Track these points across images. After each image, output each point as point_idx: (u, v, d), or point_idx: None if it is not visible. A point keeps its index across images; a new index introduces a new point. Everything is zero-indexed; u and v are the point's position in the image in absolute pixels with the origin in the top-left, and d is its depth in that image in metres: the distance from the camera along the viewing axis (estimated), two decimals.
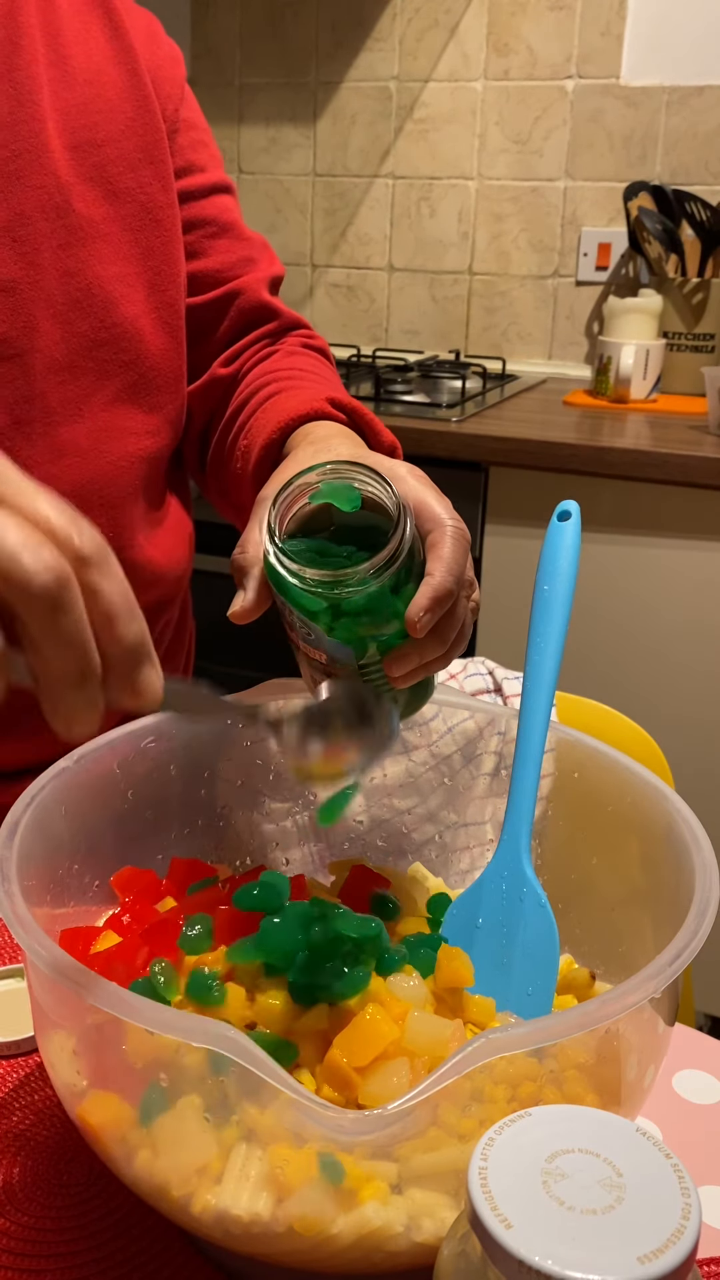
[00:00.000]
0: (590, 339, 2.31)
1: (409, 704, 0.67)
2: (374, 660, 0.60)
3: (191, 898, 0.63)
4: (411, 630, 0.58)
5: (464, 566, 0.61)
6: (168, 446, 0.91)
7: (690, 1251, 0.34)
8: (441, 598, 0.58)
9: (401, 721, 0.68)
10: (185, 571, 0.97)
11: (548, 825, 0.68)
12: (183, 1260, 0.54)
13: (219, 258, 0.93)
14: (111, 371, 0.84)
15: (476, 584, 0.65)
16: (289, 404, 0.80)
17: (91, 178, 0.82)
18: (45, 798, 0.59)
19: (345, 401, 0.80)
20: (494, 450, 1.75)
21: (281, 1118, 0.45)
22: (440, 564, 0.59)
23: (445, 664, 0.63)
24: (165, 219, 0.87)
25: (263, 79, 2.44)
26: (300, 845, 0.75)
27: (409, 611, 0.58)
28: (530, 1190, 0.36)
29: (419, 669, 0.61)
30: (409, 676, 0.61)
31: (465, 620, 0.63)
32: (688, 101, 2.13)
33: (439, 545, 0.60)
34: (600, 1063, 0.49)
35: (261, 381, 0.89)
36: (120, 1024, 0.46)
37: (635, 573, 1.74)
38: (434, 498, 0.62)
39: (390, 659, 0.60)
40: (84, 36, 0.84)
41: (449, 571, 0.59)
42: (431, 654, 0.61)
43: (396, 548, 0.56)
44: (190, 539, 0.98)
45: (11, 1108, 0.62)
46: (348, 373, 2.15)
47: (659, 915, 0.57)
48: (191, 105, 0.93)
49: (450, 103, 2.30)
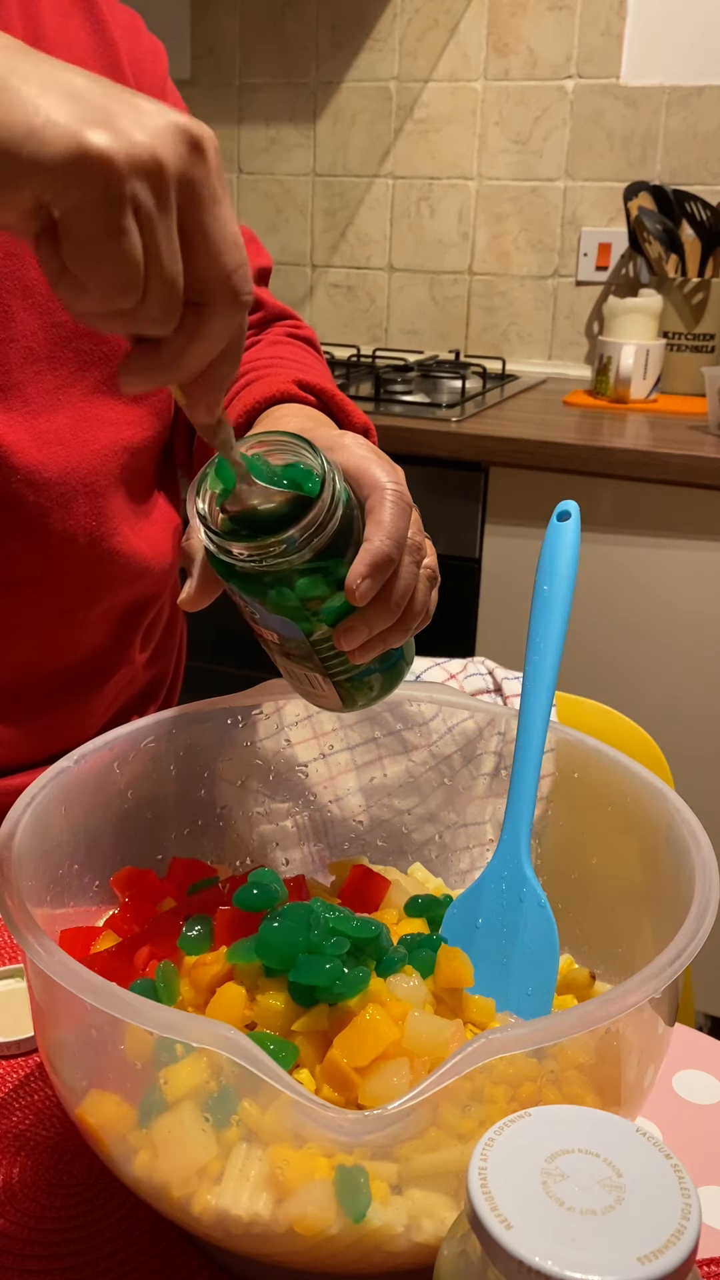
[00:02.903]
0: (590, 339, 2.31)
1: (383, 686, 0.66)
2: (325, 637, 0.60)
3: (192, 898, 0.63)
4: (351, 598, 0.57)
5: (404, 530, 0.60)
6: (152, 438, 0.91)
7: (690, 1252, 0.34)
8: (380, 562, 0.58)
9: (375, 704, 0.67)
10: (173, 564, 0.97)
11: (548, 825, 0.68)
12: (183, 1260, 0.54)
13: None
14: (91, 362, 0.85)
15: (429, 549, 0.64)
16: (257, 390, 0.80)
17: None
18: (45, 798, 0.59)
19: (313, 383, 0.80)
20: (494, 450, 1.75)
21: (282, 1118, 0.45)
22: (379, 529, 0.59)
23: (403, 635, 0.62)
24: None
25: (263, 79, 2.44)
26: (300, 845, 0.75)
27: (348, 578, 0.57)
28: (530, 1191, 0.36)
29: (374, 641, 0.61)
30: (365, 650, 0.61)
31: (416, 587, 0.62)
32: (688, 101, 2.13)
33: (378, 510, 0.59)
34: (600, 1063, 0.49)
35: (241, 371, 0.89)
36: (120, 1024, 0.46)
37: (635, 573, 1.74)
38: (377, 465, 0.61)
39: (338, 632, 0.59)
40: (65, 31, 0.84)
41: (388, 535, 0.58)
42: (381, 624, 0.60)
43: (322, 511, 0.55)
44: (177, 531, 0.98)
45: (11, 1108, 0.62)
46: (347, 373, 2.15)
47: (659, 915, 0.57)
48: (174, 99, 0.93)
49: (450, 103, 2.30)
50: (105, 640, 0.92)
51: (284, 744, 0.74)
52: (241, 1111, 0.46)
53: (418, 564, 0.62)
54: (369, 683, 0.65)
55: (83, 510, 0.85)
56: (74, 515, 0.84)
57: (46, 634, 0.87)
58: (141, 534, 0.91)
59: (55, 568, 0.85)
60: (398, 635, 0.62)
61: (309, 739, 0.74)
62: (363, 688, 0.65)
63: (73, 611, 0.88)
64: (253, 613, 0.60)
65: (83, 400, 0.85)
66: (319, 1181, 0.45)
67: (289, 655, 0.63)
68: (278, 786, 0.74)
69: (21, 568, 0.84)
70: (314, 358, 0.94)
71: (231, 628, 0.64)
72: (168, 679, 1.04)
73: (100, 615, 0.90)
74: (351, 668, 0.63)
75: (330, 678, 0.63)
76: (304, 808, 0.74)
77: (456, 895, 0.66)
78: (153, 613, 0.96)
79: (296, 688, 0.67)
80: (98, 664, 0.92)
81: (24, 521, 0.82)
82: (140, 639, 0.96)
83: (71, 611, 0.88)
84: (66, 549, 0.85)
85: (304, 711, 0.74)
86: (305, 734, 0.74)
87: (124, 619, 0.93)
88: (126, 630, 0.93)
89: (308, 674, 0.64)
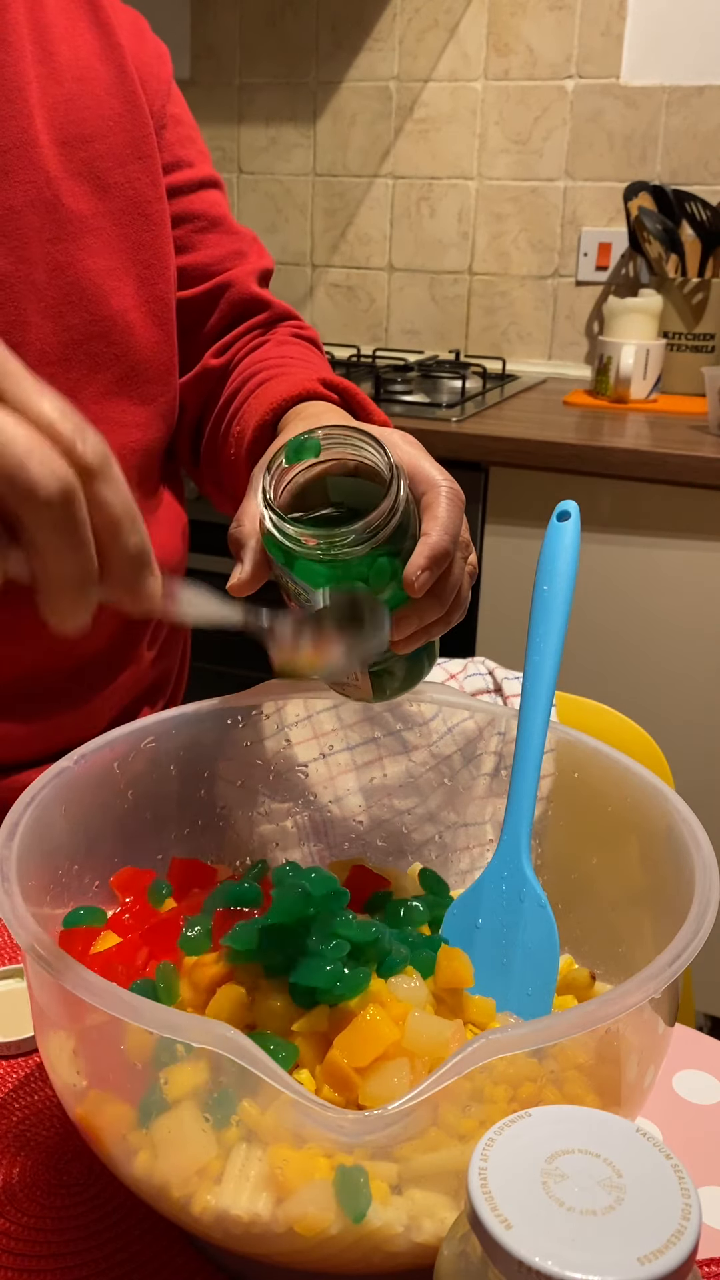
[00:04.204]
0: (590, 339, 2.31)
1: (411, 673, 0.68)
2: None
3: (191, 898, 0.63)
4: (409, 590, 0.59)
5: (459, 526, 0.61)
6: (160, 439, 0.91)
7: (690, 1252, 0.34)
8: (439, 556, 0.59)
9: (402, 694, 0.69)
10: (180, 564, 0.97)
11: (548, 825, 0.68)
12: (183, 1260, 0.54)
13: (208, 251, 0.94)
14: (102, 364, 0.85)
15: (473, 547, 0.66)
16: (281, 387, 0.80)
17: (80, 173, 0.83)
18: (45, 798, 0.59)
19: (336, 381, 0.81)
20: (494, 450, 1.75)
21: (282, 1118, 0.45)
22: (436, 523, 0.60)
23: (445, 627, 0.64)
24: (154, 213, 0.88)
25: (263, 79, 2.44)
26: (300, 845, 0.75)
27: (407, 571, 0.59)
28: (530, 1191, 0.35)
29: (420, 632, 0.62)
30: (410, 640, 0.62)
31: (462, 583, 0.64)
32: (688, 101, 2.13)
33: (434, 505, 0.61)
34: (600, 1063, 0.49)
35: (253, 369, 0.90)
36: (120, 1024, 0.46)
37: (635, 573, 1.74)
38: (428, 462, 0.63)
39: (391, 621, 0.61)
40: (71, 33, 0.85)
41: (445, 530, 0.60)
42: (431, 615, 0.62)
43: (390, 507, 0.57)
44: (185, 532, 0.99)
45: (11, 1108, 0.62)
46: (347, 373, 2.15)
47: (659, 915, 0.57)
48: (179, 101, 0.94)
49: (450, 103, 2.30)
50: (113, 639, 0.92)
51: (284, 744, 0.74)
52: (241, 1112, 0.46)
53: (465, 560, 0.64)
54: (402, 673, 0.67)
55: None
56: None
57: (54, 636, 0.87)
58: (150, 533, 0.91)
59: None
60: (441, 626, 0.64)
61: (309, 739, 0.74)
62: (394, 677, 0.67)
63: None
64: (307, 600, 0.61)
65: (94, 403, 0.85)
66: (319, 1181, 0.45)
67: None
68: (278, 786, 0.74)
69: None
70: (320, 358, 0.95)
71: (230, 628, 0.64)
72: (173, 677, 1.04)
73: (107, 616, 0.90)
74: (390, 657, 0.64)
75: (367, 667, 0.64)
76: (304, 808, 0.74)
77: (456, 895, 0.66)
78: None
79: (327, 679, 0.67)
80: (105, 662, 0.92)
81: None
82: (147, 638, 0.96)
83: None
84: None
85: (304, 711, 0.74)
86: (305, 734, 0.74)
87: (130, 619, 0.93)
88: (133, 630, 0.94)
89: None
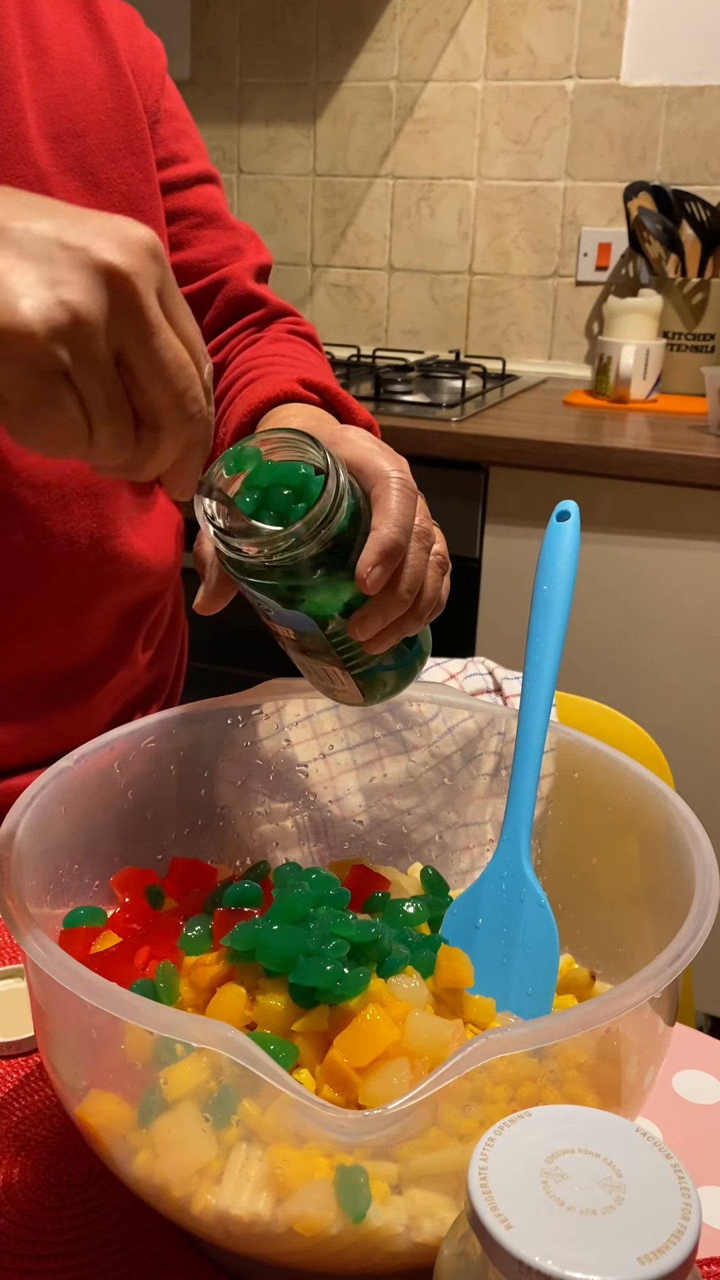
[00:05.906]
0: (590, 339, 2.31)
1: (402, 674, 0.66)
2: (340, 629, 0.60)
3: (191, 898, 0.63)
4: (362, 587, 0.58)
5: (411, 518, 0.60)
6: None
7: (690, 1252, 0.34)
8: (389, 550, 0.58)
9: (396, 695, 0.68)
10: (175, 564, 0.97)
11: (548, 825, 0.68)
12: (183, 1260, 0.54)
13: (204, 247, 0.94)
14: None
15: (437, 536, 0.64)
16: (260, 389, 0.80)
17: (72, 168, 0.83)
18: (45, 798, 0.59)
19: (317, 381, 0.80)
20: (494, 450, 1.75)
21: (282, 1118, 0.45)
22: (385, 517, 0.59)
23: (418, 622, 0.62)
24: (147, 209, 0.87)
25: (263, 79, 2.44)
26: (300, 845, 0.75)
27: (358, 568, 0.58)
28: (530, 1190, 0.35)
29: (390, 630, 0.61)
30: (380, 639, 0.61)
31: (427, 574, 0.62)
32: (688, 101, 2.13)
33: (383, 498, 0.60)
34: (600, 1063, 0.49)
35: (242, 369, 0.89)
36: (120, 1024, 0.46)
37: (635, 573, 1.74)
38: (381, 455, 0.62)
39: (353, 622, 0.60)
40: (63, 28, 0.84)
41: (395, 523, 0.59)
42: (394, 612, 0.60)
43: (326, 504, 0.56)
44: (179, 531, 0.98)
45: (11, 1108, 0.62)
46: (347, 373, 2.15)
47: (659, 915, 0.57)
48: (173, 96, 0.93)
49: (450, 103, 2.30)
50: (108, 641, 0.92)
51: (284, 744, 0.74)
52: (241, 1111, 0.46)
53: (427, 550, 0.62)
54: (391, 674, 0.66)
55: (84, 511, 0.85)
56: (75, 517, 0.84)
57: (49, 635, 0.87)
58: (143, 534, 0.91)
59: (57, 569, 0.85)
60: (412, 623, 0.62)
61: (309, 739, 0.74)
62: (382, 678, 0.65)
63: (75, 612, 0.88)
64: (266, 610, 0.60)
65: None
66: (319, 1181, 0.45)
67: (306, 651, 0.63)
68: (278, 786, 0.74)
69: (23, 569, 0.83)
70: (315, 355, 0.94)
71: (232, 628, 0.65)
72: (170, 679, 1.04)
73: (102, 616, 0.90)
74: (369, 658, 0.63)
75: (348, 670, 0.64)
76: (304, 808, 0.74)
77: (456, 895, 0.66)
78: (155, 613, 0.96)
79: (316, 684, 0.67)
80: (100, 665, 0.92)
81: (25, 523, 0.82)
82: (143, 639, 0.96)
83: (74, 613, 0.87)
84: (68, 550, 0.85)
85: (304, 711, 0.74)
86: (305, 734, 0.74)
87: (126, 619, 0.93)
88: (129, 631, 0.93)
89: (326, 669, 0.64)
